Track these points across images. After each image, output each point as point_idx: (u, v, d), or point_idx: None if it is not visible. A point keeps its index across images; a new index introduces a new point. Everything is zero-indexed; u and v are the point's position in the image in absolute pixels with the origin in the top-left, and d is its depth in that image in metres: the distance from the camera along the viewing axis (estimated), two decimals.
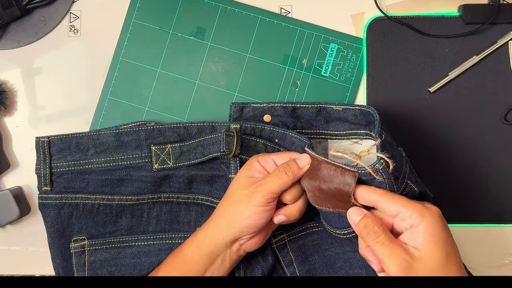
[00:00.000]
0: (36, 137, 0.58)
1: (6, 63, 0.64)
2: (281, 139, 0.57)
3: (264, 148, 0.57)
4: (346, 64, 0.63)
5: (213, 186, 0.59)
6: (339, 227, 0.50)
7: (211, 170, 0.59)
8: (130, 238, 0.59)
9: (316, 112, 0.58)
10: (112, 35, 0.64)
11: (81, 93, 0.64)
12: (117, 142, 0.58)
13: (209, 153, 0.57)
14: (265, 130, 0.57)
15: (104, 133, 0.58)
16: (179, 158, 0.58)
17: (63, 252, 0.59)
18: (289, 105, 0.59)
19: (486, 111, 0.62)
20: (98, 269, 0.59)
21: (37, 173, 0.58)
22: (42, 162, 0.58)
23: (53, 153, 0.58)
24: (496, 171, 0.62)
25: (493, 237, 0.62)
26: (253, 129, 0.57)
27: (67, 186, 0.59)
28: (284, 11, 0.64)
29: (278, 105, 0.59)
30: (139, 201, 0.59)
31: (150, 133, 0.58)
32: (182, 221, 0.60)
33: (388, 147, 0.51)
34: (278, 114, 0.59)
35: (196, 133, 0.58)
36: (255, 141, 0.57)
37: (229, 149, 0.55)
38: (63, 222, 0.59)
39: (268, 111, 0.59)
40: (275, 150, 0.57)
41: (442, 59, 0.62)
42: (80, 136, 0.58)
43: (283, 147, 0.57)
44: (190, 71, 0.64)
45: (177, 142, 0.58)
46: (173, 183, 0.59)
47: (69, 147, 0.58)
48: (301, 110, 0.59)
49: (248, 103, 0.60)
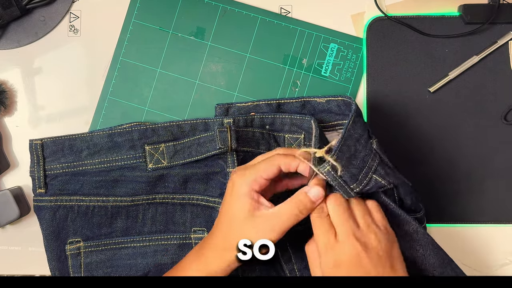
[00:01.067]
0: (30, 140, 0.58)
1: (6, 63, 0.64)
2: (271, 124, 0.58)
3: (262, 136, 0.58)
4: (346, 64, 0.63)
5: (209, 184, 0.59)
6: None
7: (206, 167, 0.59)
8: (126, 239, 0.59)
9: (301, 107, 0.59)
10: (112, 35, 0.64)
11: (81, 93, 0.64)
12: (111, 143, 0.58)
13: (206, 151, 0.57)
14: (256, 119, 0.58)
15: (97, 134, 0.58)
16: (173, 157, 0.58)
17: (59, 254, 0.59)
18: (274, 101, 0.59)
19: (486, 111, 0.62)
20: (94, 271, 0.59)
21: (32, 175, 0.58)
22: (36, 165, 0.58)
23: (46, 155, 0.58)
24: (496, 171, 0.61)
25: (493, 237, 0.62)
26: (245, 120, 0.58)
27: (61, 188, 0.58)
28: (284, 11, 0.64)
29: (262, 102, 0.60)
30: (134, 202, 0.59)
31: (143, 133, 0.58)
32: (177, 222, 0.60)
33: (352, 143, 0.50)
34: (263, 111, 0.60)
35: (190, 131, 0.58)
36: (252, 131, 0.57)
37: (225, 145, 0.55)
38: (58, 224, 0.59)
39: (253, 109, 0.60)
40: (270, 135, 0.58)
41: (442, 59, 0.62)
42: (73, 138, 0.58)
43: (276, 131, 0.58)
44: (190, 71, 0.64)
45: (171, 141, 0.58)
46: (168, 183, 0.59)
47: (62, 149, 0.58)
48: (285, 106, 0.59)
49: (233, 103, 0.60)
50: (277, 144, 0.59)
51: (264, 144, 0.58)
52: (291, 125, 0.57)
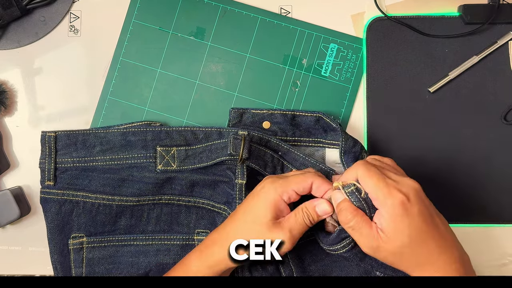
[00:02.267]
0: (42, 131, 0.58)
1: (6, 63, 0.64)
2: (285, 154, 0.58)
3: (271, 159, 0.57)
4: (346, 64, 0.63)
5: (215, 190, 0.59)
6: (326, 244, 0.51)
7: (215, 176, 0.59)
8: (129, 237, 0.59)
9: (315, 121, 0.59)
10: (112, 35, 0.64)
11: (81, 93, 0.64)
12: (124, 141, 0.58)
13: (216, 157, 0.57)
14: (271, 142, 0.57)
15: (112, 131, 0.58)
16: (183, 162, 0.58)
17: (61, 248, 0.59)
18: (289, 112, 0.59)
19: (486, 111, 0.62)
20: (96, 266, 0.59)
21: (41, 167, 0.58)
22: (47, 157, 0.58)
23: (58, 148, 0.59)
24: (496, 171, 0.61)
25: (493, 237, 0.62)
26: (260, 139, 0.57)
27: (70, 183, 0.59)
28: (284, 11, 0.64)
29: (277, 112, 0.59)
30: (139, 202, 0.59)
31: (157, 135, 0.58)
32: (182, 222, 0.60)
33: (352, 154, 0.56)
34: (277, 121, 0.60)
35: (203, 138, 0.58)
36: (264, 151, 0.57)
37: (236, 151, 0.55)
38: (63, 218, 0.59)
39: (268, 117, 0.60)
40: (279, 162, 0.58)
41: (442, 59, 0.62)
42: (87, 133, 0.59)
43: (286, 160, 0.58)
44: (190, 71, 0.64)
45: (183, 146, 0.58)
46: (175, 185, 0.59)
47: (75, 143, 0.58)
48: (300, 118, 0.59)
49: (247, 109, 0.60)
50: (282, 172, 0.58)
51: (270, 167, 0.57)
52: (301, 164, 0.57)
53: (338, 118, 0.63)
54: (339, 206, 0.48)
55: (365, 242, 0.46)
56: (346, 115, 0.63)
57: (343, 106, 0.63)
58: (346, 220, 0.47)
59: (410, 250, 0.45)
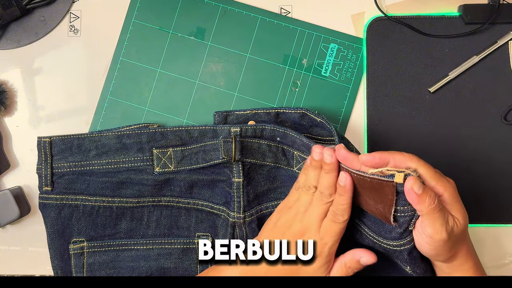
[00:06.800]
0: (38, 137, 0.58)
1: (6, 63, 0.64)
2: (283, 137, 0.57)
3: (268, 149, 0.57)
4: (346, 64, 0.63)
5: (214, 190, 0.59)
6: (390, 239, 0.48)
7: (213, 175, 0.59)
8: (129, 241, 0.59)
9: (300, 118, 0.58)
10: (112, 35, 0.64)
11: (81, 93, 0.64)
12: (119, 144, 0.58)
13: (210, 159, 0.57)
14: (266, 129, 0.57)
15: (106, 135, 0.58)
16: (180, 162, 0.58)
17: (62, 253, 0.59)
18: (272, 110, 0.59)
19: (486, 111, 0.62)
20: (97, 271, 0.59)
21: (38, 173, 0.58)
22: (44, 162, 0.58)
23: (54, 153, 0.58)
24: (496, 171, 0.61)
25: (493, 237, 0.62)
26: (254, 130, 0.57)
27: (67, 187, 0.59)
28: (284, 11, 0.64)
29: (261, 111, 0.59)
30: (139, 204, 0.59)
31: (152, 136, 0.58)
32: (181, 226, 0.60)
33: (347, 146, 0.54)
34: (262, 120, 0.59)
35: (198, 137, 0.58)
36: (258, 143, 0.57)
37: (228, 155, 0.55)
38: (63, 223, 0.59)
39: (252, 117, 0.60)
40: (279, 149, 0.57)
41: (442, 59, 0.62)
42: (82, 137, 0.58)
43: (285, 144, 0.57)
44: (190, 71, 0.64)
45: (179, 146, 0.58)
46: (174, 186, 0.59)
47: (70, 148, 0.58)
48: (284, 116, 0.59)
49: (231, 111, 0.60)
50: (285, 157, 0.58)
51: (270, 156, 0.57)
52: (301, 145, 0.57)
53: (337, 116, 0.63)
54: (425, 190, 0.44)
55: (440, 229, 0.43)
56: (346, 115, 0.63)
57: (343, 106, 0.63)
58: (431, 200, 0.43)
59: (463, 236, 0.46)
